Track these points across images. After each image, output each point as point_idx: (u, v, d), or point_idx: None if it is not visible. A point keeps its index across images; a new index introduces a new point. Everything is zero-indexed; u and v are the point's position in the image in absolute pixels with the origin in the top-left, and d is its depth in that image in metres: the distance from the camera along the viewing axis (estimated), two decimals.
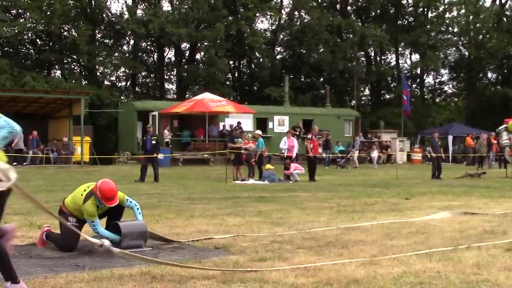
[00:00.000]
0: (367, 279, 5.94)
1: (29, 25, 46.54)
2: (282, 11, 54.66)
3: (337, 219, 10.71)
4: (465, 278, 6.08)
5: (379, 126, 45.30)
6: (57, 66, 50.66)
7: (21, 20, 46.61)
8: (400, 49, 57.45)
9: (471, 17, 54.19)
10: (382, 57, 58.56)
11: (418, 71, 57.74)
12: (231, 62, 55.25)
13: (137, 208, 8.15)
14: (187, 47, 53.85)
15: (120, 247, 7.52)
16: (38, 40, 50.38)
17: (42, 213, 11.26)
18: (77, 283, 5.72)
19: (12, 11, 46.87)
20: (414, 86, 57.24)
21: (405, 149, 41.79)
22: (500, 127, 25.32)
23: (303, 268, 6.45)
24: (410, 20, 56.72)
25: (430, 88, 59.92)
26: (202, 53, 52.89)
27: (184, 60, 54.16)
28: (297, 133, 32.48)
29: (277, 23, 54.90)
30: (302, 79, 54.80)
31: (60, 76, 47.70)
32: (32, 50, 50.63)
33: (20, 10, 46.68)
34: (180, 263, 6.61)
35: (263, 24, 75.38)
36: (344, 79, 54.22)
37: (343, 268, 6.45)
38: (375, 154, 36.21)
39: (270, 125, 39.47)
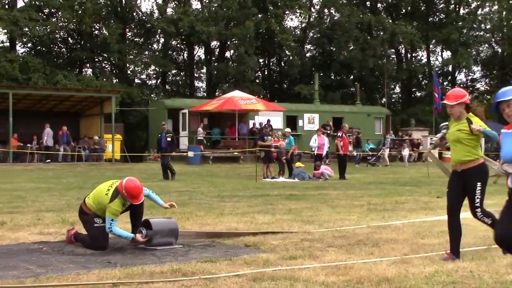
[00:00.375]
0: (399, 278, 5.89)
1: (61, 24, 47.06)
2: (312, 8, 54.51)
3: (368, 218, 10.65)
4: (498, 278, 6.00)
5: (410, 124, 44.93)
6: (88, 65, 51.16)
7: (53, 20, 47.16)
8: (431, 46, 56.95)
9: (504, 13, 53.47)
10: (413, 54, 58.13)
11: (450, 68, 57.19)
12: (260, 60, 55.25)
13: (152, 192, 8.24)
14: (216, 45, 53.98)
15: (151, 244, 7.59)
16: (69, 39, 50.91)
17: (74, 210, 11.39)
18: (109, 280, 5.76)
19: (44, 11, 47.43)
20: (445, 83, 56.65)
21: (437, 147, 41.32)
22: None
23: (334, 266, 6.42)
24: (441, 16, 56.18)
25: (462, 85, 59.22)
26: (231, 51, 52.99)
27: (213, 58, 54.28)
28: (327, 131, 32.36)
29: (306, 20, 54.76)
30: (332, 77, 54.61)
31: (91, 75, 48.15)
32: (64, 49, 51.19)
33: (52, 10, 47.18)
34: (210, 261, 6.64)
35: (292, 22, 75.22)
36: (374, 76, 53.90)
37: (374, 266, 6.41)
38: (406, 152, 35.92)
39: (300, 123, 39.37)
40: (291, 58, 52.82)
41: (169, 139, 22.75)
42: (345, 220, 10.34)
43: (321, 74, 50.67)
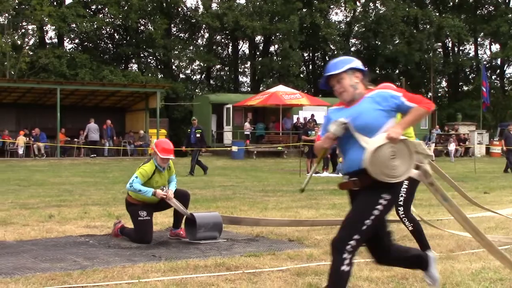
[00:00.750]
0: (444, 274, 5.81)
1: (107, 20, 47.69)
2: (357, 2, 54.09)
3: (413, 213, 10.51)
4: None
5: (456, 118, 44.27)
6: (134, 60, 51.74)
7: (100, 16, 47.80)
8: (479, 39, 56.00)
9: None
10: (460, 48, 57.20)
11: (498, 62, 56.10)
12: (305, 55, 55.08)
13: (175, 183, 8.35)
14: (261, 40, 54.00)
15: (195, 238, 7.63)
16: (116, 34, 51.57)
17: (119, 204, 11.54)
18: (153, 273, 5.82)
19: (91, 7, 48.10)
20: (493, 77, 55.67)
21: (484, 142, 40.72)
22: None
23: None
24: (490, 9, 55.17)
25: (511, 79, 58.15)
26: (276, 45, 52.94)
27: (258, 53, 54.32)
28: None
29: (351, 14, 54.40)
30: (377, 71, 54.15)
31: (137, 70, 48.68)
32: (110, 45, 51.88)
33: (99, 6, 47.81)
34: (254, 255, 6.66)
35: (337, 16, 74.85)
36: (420, 71, 53.26)
37: None
38: (452, 147, 35.42)
39: None
40: (335, 52, 52.49)
41: (198, 135, 22.62)
42: (390, 215, 10.21)
43: (366, 68, 50.20)
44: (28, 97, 34.56)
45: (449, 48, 57.30)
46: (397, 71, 53.47)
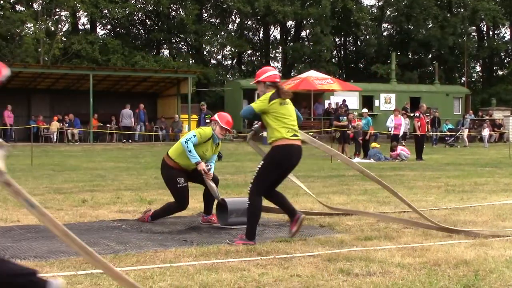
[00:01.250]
0: (477, 260, 5.75)
1: (139, 5, 47.84)
2: None
3: (445, 199, 10.45)
4: None
5: (490, 103, 43.70)
6: (165, 46, 51.90)
7: (132, 1, 47.98)
8: None
9: None
10: (495, 32, 56.32)
11: None
12: (336, 40, 54.73)
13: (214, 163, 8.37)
14: (292, 25, 53.77)
15: (227, 224, 7.66)
16: (147, 20, 51.74)
17: (152, 189, 11.63)
18: (185, 258, 5.86)
19: None
20: None
21: None
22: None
23: (410, 248, 6.33)
24: None
25: None
26: (307, 30, 52.68)
27: (289, 38, 54.11)
28: (408, 113, 31.49)
29: None
30: (410, 56, 53.63)
31: (168, 56, 48.83)
32: (141, 30, 52.10)
33: None
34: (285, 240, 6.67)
35: (369, 0, 74.10)
36: (453, 55, 52.59)
37: (451, 249, 6.28)
38: (486, 132, 34.97)
39: (376, 103, 38.88)
40: (367, 37, 52.11)
41: (207, 120, 21.37)
42: (422, 201, 10.17)
43: (398, 53, 49.80)
44: (61, 83, 34.93)
45: (484, 32, 56.44)
46: (430, 56, 52.86)
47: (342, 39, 55.94)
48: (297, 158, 6.93)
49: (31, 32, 42.30)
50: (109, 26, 50.30)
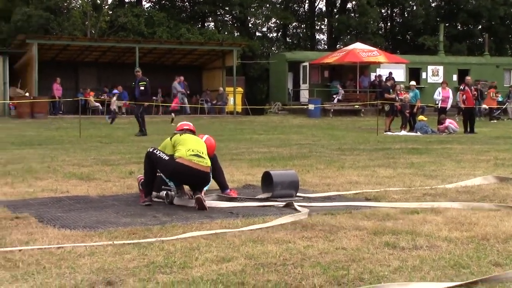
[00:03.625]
0: None
1: None
2: None
3: (494, 173, 10.26)
4: None
5: None
6: (210, 18, 51.86)
7: None
8: None
9: None
10: None
11: None
12: (383, 11, 53.93)
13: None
14: None
15: (272, 196, 7.67)
16: None
17: None
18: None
19: None
20: None
21: None
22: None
23: (457, 222, 6.24)
24: None
25: None
26: (353, 2, 52.04)
27: (335, 10, 53.53)
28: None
29: None
30: (458, 27, 52.56)
31: (214, 28, 48.80)
32: (186, 3, 52.07)
33: None
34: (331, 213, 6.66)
35: None
36: (504, 25, 51.35)
37: (500, 223, 6.17)
38: None
39: (423, 75, 38.32)
40: (415, 8, 51.20)
41: (142, 87, 20.59)
42: (469, 175, 10.01)
43: (447, 24, 48.86)
44: (108, 56, 35.29)
45: None
46: (479, 27, 51.71)
47: (389, 10, 55.10)
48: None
49: (79, 6, 42.75)
50: None
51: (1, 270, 4.47)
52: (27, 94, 30.44)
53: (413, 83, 26.04)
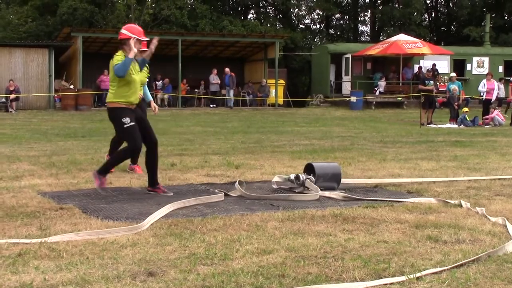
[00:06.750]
0: None
1: None
2: None
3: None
4: None
5: None
6: (253, 10, 51.81)
7: None
8: None
9: None
10: None
11: None
12: (427, 2, 53.21)
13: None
14: None
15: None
16: None
17: (239, 153, 11.75)
18: (271, 222, 5.91)
19: None
20: None
21: None
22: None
23: (501, 216, 6.15)
24: None
25: None
26: None
27: (379, 1, 53.00)
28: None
29: None
30: (505, 17, 51.52)
31: (256, 20, 48.76)
32: None
33: None
34: (373, 206, 6.62)
35: None
36: None
37: None
38: None
39: (468, 67, 37.71)
40: None
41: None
42: None
43: (493, 14, 47.94)
44: None
45: None
46: None
47: (434, 1, 54.33)
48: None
49: None
50: None
51: (46, 260, 4.55)
52: (71, 86, 30.89)
53: (453, 74, 25.66)
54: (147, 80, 9.17)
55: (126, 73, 7.26)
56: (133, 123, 7.40)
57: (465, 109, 23.38)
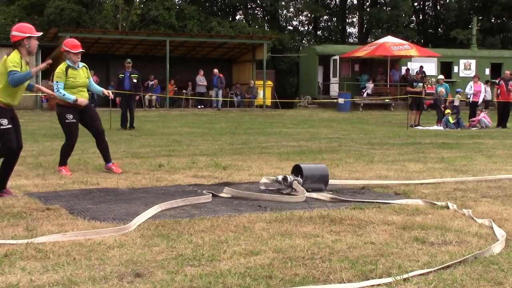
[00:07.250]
0: None
1: None
2: None
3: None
4: None
5: None
6: (241, 11, 51.84)
7: None
8: None
9: None
10: None
11: None
12: (415, 4, 53.44)
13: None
14: None
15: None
16: None
17: (226, 154, 11.75)
18: (258, 223, 5.90)
19: None
20: None
21: None
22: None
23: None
24: None
25: None
26: None
27: (367, 3, 53.18)
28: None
29: None
30: (492, 20, 51.83)
31: (244, 21, 48.79)
32: None
33: None
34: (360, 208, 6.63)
35: None
36: None
37: None
38: None
39: (455, 69, 37.90)
40: (447, 1, 50.61)
41: (134, 80, 20.20)
42: (501, 170, 9.90)
43: (480, 17, 48.22)
44: (139, 49, 35.49)
45: None
46: None
47: (421, 3, 54.57)
48: None
49: None
50: None
51: (32, 260, 4.53)
52: None
53: (441, 76, 25.76)
54: (93, 80, 10.00)
55: (19, 86, 7.23)
56: (9, 126, 7.24)
57: (448, 110, 23.41)
